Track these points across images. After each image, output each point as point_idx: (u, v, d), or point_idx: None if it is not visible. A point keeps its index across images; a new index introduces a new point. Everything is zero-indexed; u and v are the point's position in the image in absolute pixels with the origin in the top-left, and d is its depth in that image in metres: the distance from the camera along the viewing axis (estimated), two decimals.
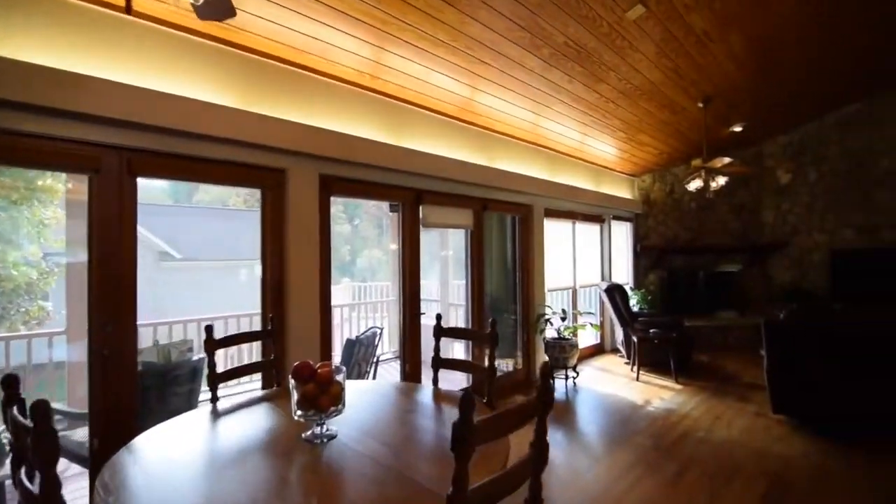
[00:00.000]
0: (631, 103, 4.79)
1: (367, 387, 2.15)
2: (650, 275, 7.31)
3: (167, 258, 10.01)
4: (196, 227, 11.52)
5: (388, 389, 2.12)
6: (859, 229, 6.56)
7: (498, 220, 5.12)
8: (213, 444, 1.60)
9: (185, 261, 10.25)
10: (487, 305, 5.08)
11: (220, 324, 5.09)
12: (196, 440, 1.60)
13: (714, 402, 4.18)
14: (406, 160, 3.52)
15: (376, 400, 1.95)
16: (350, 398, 1.90)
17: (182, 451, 1.50)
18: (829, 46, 4.64)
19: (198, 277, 10.39)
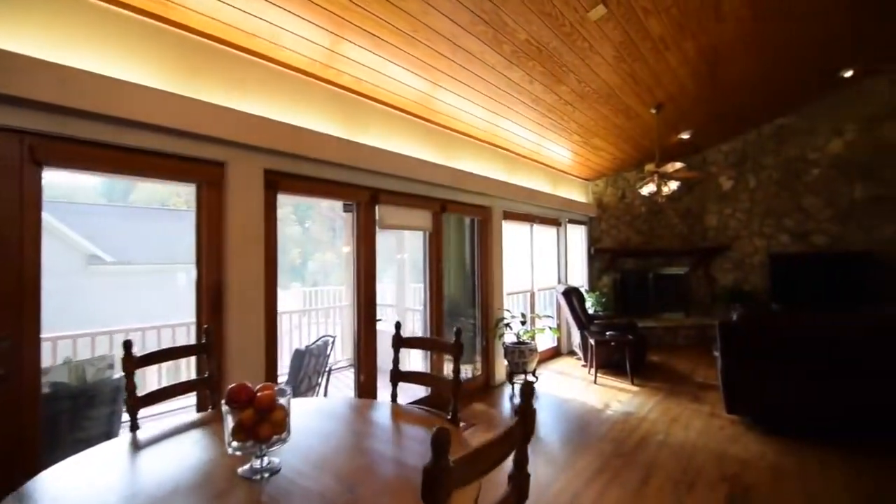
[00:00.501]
0: (588, 107, 4.80)
1: (317, 406, 1.92)
2: (603, 277, 7.43)
3: (97, 262, 9.15)
4: (132, 229, 10.64)
5: (341, 408, 1.90)
6: (793, 234, 6.97)
7: (457, 222, 4.98)
8: (128, 484, 1.33)
9: (118, 264, 9.41)
10: (446, 310, 4.92)
11: (153, 335, 4.62)
12: (106, 479, 1.32)
13: (670, 404, 4.23)
14: (361, 157, 3.30)
15: (327, 422, 1.73)
16: (297, 422, 1.67)
17: (86, 494, 1.22)
18: (770, 62, 4.87)
19: (133, 282, 9.58)
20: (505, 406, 4.33)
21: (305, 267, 14.86)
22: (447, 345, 1.96)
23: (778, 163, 7.06)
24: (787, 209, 7.00)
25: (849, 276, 6.28)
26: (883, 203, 6.30)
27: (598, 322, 5.52)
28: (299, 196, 3.11)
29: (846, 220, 6.56)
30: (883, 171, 6.31)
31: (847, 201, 6.56)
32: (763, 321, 3.41)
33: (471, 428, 3.69)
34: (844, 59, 5.42)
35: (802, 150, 6.88)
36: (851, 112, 6.50)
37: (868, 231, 6.40)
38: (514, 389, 4.75)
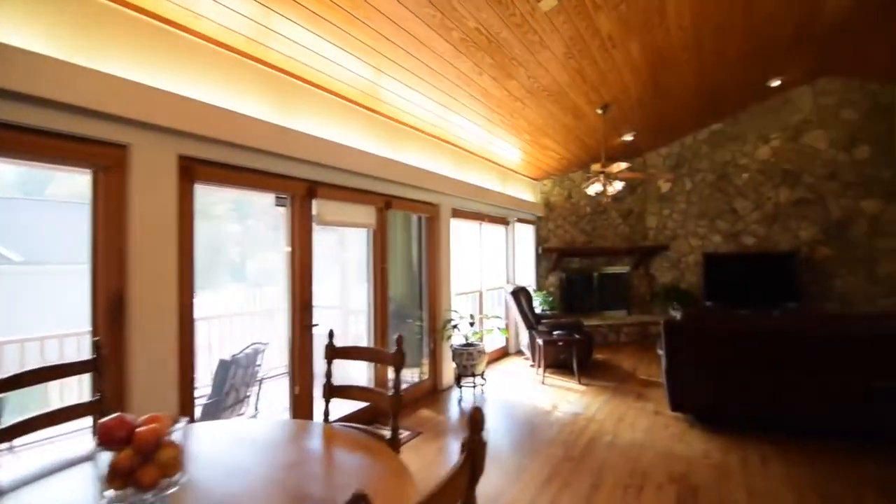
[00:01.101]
0: (538, 104, 4.73)
1: (231, 431, 1.63)
2: (550, 276, 7.48)
3: (2, 261, 8.08)
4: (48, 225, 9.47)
5: (261, 433, 1.62)
6: (725, 235, 7.34)
7: (404, 219, 4.75)
8: None
9: (28, 265, 8.34)
10: (392, 312, 4.68)
11: (54, 344, 4.03)
12: None
13: (616, 402, 4.23)
14: (296, 145, 2.99)
15: (242, 453, 1.45)
16: (204, 453, 1.39)
17: None
18: (707, 70, 5.03)
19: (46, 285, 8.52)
20: (453, 411, 4.16)
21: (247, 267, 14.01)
22: (387, 355, 1.74)
23: (711, 166, 7.41)
24: (719, 211, 7.36)
25: (775, 275, 6.68)
26: (804, 206, 6.76)
27: (546, 321, 5.49)
28: (222, 187, 2.76)
29: (772, 222, 6.98)
30: (804, 177, 6.76)
31: (773, 204, 6.97)
32: (706, 319, 3.46)
33: (417, 437, 3.48)
34: (773, 69, 5.72)
35: (734, 155, 7.26)
36: (777, 120, 6.92)
37: (792, 232, 6.84)
38: (462, 393, 4.59)
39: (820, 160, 6.65)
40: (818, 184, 6.67)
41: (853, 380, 3.12)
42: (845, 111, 6.47)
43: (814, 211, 6.69)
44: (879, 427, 3.12)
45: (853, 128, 6.44)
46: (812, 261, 6.69)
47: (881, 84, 6.25)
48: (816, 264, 6.66)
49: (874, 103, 6.30)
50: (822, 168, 6.64)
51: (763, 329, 3.27)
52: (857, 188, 6.43)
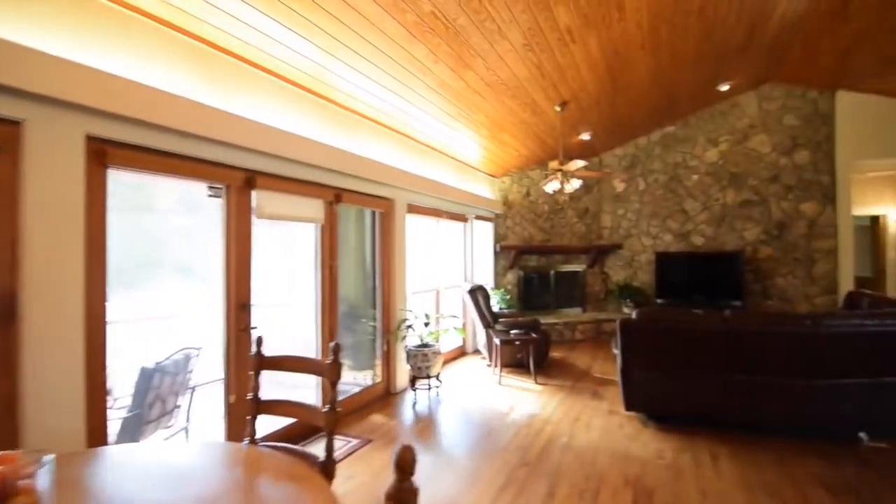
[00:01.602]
0: (496, 98, 4.62)
1: (140, 458, 1.38)
2: (508, 274, 7.43)
3: None
4: None
5: (175, 460, 1.39)
6: (675, 234, 7.53)
7: (357, 214, 4.51)
8: None
9: None
10: (344, 312, 4.44)
11: None
12: None
13: (572, 402, 4.19)
14: (233, 130, 2.71)
15: (145, 488, 1.21)
16: (102, 489, 1.14)
17: None
18: (663, 71, 5.09)
19: None
20: (406, 416, 3.98)
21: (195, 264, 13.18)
22: (322, 366, 1.54)
23: (664, 168, 7.58)
24: (670, 211, 7.55)
25: (722, 274, 6.91)
26: (749, 208, 7.03)
27: (503, 320, 5.40)
28: (142, 172, 2.44)
29: (719, 223, 7.22)
30: (749, 179, 7.03)
31: (720, 206, 7.22)
32: (660, 319, 3.45)
33: (366, 445, 3.28)
34: (723, 73, 5.88)
35: (684, 157, 7.46)
36: (725, 124, 7.16)
37: (738, 233, 7.10)
38: (416, 396, 4.41)
39: (764, 163, 6.94)
40: (762, 186, 6.95)
41: (797, 378, 3.18)
42: (787, 117, 6.78)
43: (758, 212, 6.97)
44: (823, 425, 3.20)
45: (794, 133, 6.75)
46: (755, 260, 6.97)
47: (820, 92, 6.57)
48: (759, 264, 6.95)
49: (814, 110, 6.62)
50: (765, 171, 6.93)
51: (713, 329, 3.29)
52: (797, 191, 6.75)
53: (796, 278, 6.75)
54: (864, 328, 3.04)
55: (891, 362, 3.09)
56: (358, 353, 4.71)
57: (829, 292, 6.55)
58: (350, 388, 4.38)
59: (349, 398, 4.07)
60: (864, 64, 5.53)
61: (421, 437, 3.51)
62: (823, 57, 5.66)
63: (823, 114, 6.56)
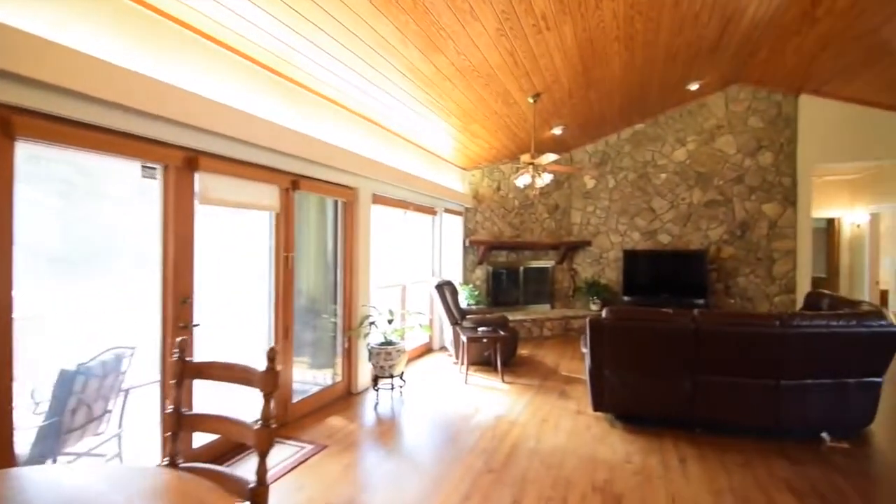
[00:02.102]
0: (468, 86, 4.43)
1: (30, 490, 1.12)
2: (477, 270, 7.28)
3: None
4: None
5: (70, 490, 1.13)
6: (643, 232, 7.57)
7: (318, 203, 4.24)
8: None
9: None
10: (303, 307, 4.18)
11: None
12: None
13: (539, 402, 4.08)
14: (171, 102, 2.41)
15: None
16: None
17: None
18: (636, 66, 5.02)
19: None
20: (367, 418, 3.76)
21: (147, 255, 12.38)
22: (253, 374, 1.31)
23: (633, 165, 7.60)
24: (638, 209, 7.58)
25: (687, 272, 6.99)
26: (714, 207, 7.13)
27: (471, 317, 5.25)
28: (61, 147, 2.12)
29: (685, 222, 7.30)
30: (715, 179, 7.12)
31: (686, 205, 7.29)
32: (630, 317, 3.36)
33: (321, 452, 3.05)
34: (694, 72, 5.88)
35: (653, 155, 7.49)
36: (693, 124, 7.22)
37: (702, 232, 7.20)
38: (378, 397, 4.20)
39: (729, 164, 7.04)
40: (727, 187, 7.06)
41: (765, 379, 3.16)
42: (752, 119, 6.89)
43: (722, 212, 7.07)
44: (789, 426, 3.19)
45: (759, 135, 6.87)
46: (718, 259, 7.08)
47: (784, 95, 6.70)
48: (722, 263, 7.07)
49: (778, 113, 6.75)
50: (730, 172, 7.03)
51: (682, 328, 3.22)
52: (760, 192, 6.88)
53: (757, 277, 6.89)
54: (830, 329, 3.03)
55: (854, 363, 3.10)
56: (318, 350, 4.45)
57: (788, 291, 6.73)
58: (309, 387, 4.12)
59: (306, 399, 3.82)
60: (827, 68, 5.64)
61: (382, 441, 3.31)
62: (789, 59, 5.74)
63: (787, 116, 6.70)
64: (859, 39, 4.85)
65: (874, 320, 3.06)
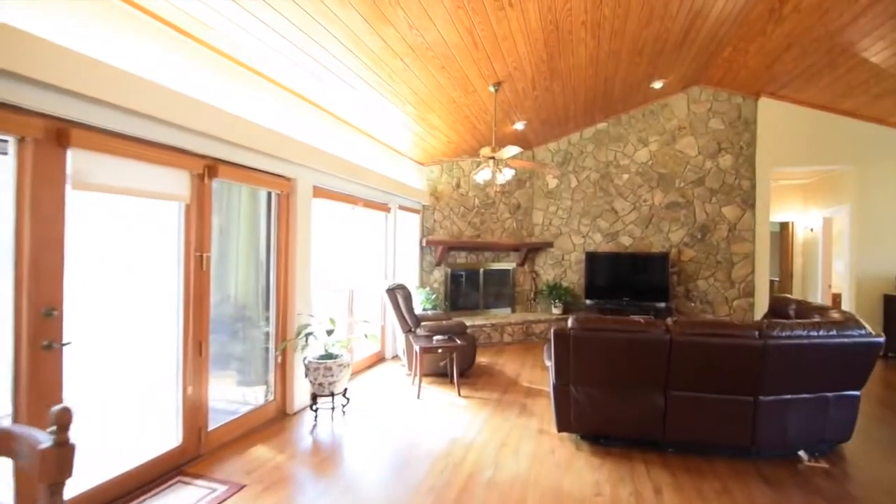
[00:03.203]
0: (423, 68, 3.98)
1: None
2: (435, 272, 6.84)
3: None
4: None
5: None
6: (605, 234, 7.38)
7: (249, 195, 3.66)
8: None
9: None
10: (230, 315, 3.61)
11: None
12: None
13: (499, 420, 3.68)
14: (27, 55, 1.82)
15: None
16: None
17: None
18: (602, 58, 4.73)
19: None
20: (301, 445, 3.23)
21: None
22: (22, 446, 0.80)
23: (595, 165, 7.39)
24: (601, 210, 7.38)
25: (649, 275, 6.82)
26: (675, 209, 7.01)
27: (427, 324, 4.80)
28: None
29: (647, 224, 7.15)
30: (676, 181, 7.01)
31: (648, 206, 7.15)
32: (598, 326, 3.01)
33: (235, 494, 2.50)
34: (659, 70, 5.69)
35: (616, 155, 7.31)
36: (656, 124, 7.08)
37: (664, 234, 7.07)
38: (317, 418, 3.67)
39: (690, 166, 6.94)
40: (688, 189, 6.95)
41: (743, 395, 2.88)
42: (713, 120, 6.81)
43: (683, 215, 6.97)
44: (766, 446, 2.93)
45: (719, 137, 6.80)
46: (679, 262, 6.97)
47: (744, 97, 6.66)
48: (683, 266, 6.96)
49: (738, 115, 6.70)
50: (691, 174, 6.94)
51: (655, 339, 2.90)
52: (720, 195, 6.81)
53: (717, 281, 6.82)
54: (811, 340, 2.79)
55: (834, 376, 2.88)
56: (248, 364, 3.87)
57: (747, 295, 6.68)
58: (238, 407, 3.56)
59: (229, 424, 3.25)
60: (789, 70, 5.58)
61: (315, 475, 2.80)
62: (752, 60, 5.65)
63: (746, 119, 6.66)
64: (822, 41, 4.77)
65: (854, 330, 2.85)
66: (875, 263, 6.04)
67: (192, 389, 2.87)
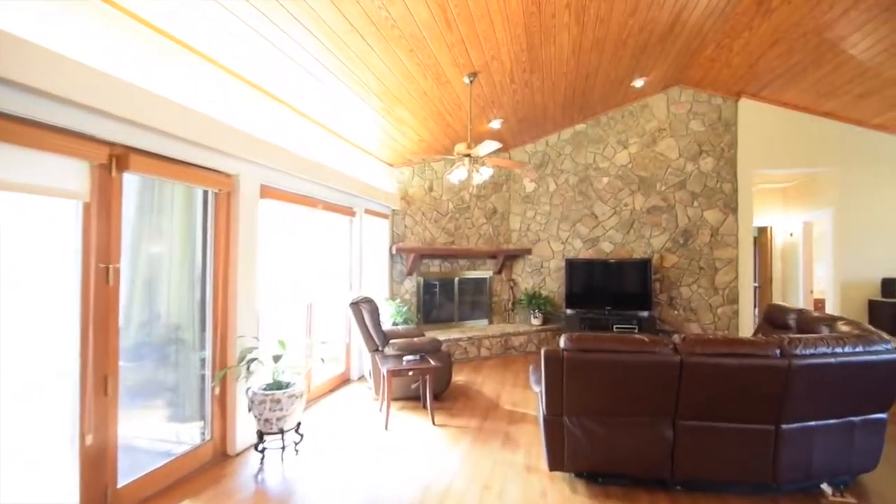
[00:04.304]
0: (388, 50, 3.50)
1: None
2: (406, 282, 6.32)
3: None
4: None
5: None
6: (585, 240, 7.03)
7: (184, 194, 3.07)
8: None
9: None
10: (162, 337, 3.01)
11: None
12: None
13: (478, 455, 3.18)
14: None
15: None
16: None
17: None
18: (584, 48, 4.33)
19: None
20: (242, 495, 2.65)
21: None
22: None
23: (574, 168, 7.06)
24: (580, 215, 7.04)
25: (632, 283, 6.50)
26: (657, 214, 6.74)
27: (396, 341, 4.27)
28: None
29: (628, 229, 6.85)
30: (657, 185, 6.74)
31: (629, 211, 6.85)
32: (596, 347, 2.57)
33: None
34: (641, 67, 5.39)
35: (595, 157, 7.00)
36: (635, 126, 6.81)
37: (645, 240, 6.77)
38: (263, 461, 3.08)
39: (671, 169, 6.69)
40: (669, 192, 6.69)
41: (763, 423, 2.49)
42: (694, 122, 6.59)
43: (665, 219, 6.70)
44: (789, 481, 2.53)
45: (700, 139, 6.58)
46: (662, 268, 6.69)
47: (724, 99, 6.46)
48: (666, 272, 6.68)
49: (718, 117, 6.49)
50: (672, 177, 6.68)
51: (663, 360, 2.48)
52: (701, 199, 6.57)
53: (700, 287, 6.56)
54: (837, 357, 2.42)
55: (862, 398, 2.52)
56: (181, 396, 3.25)
57: (731, 302, 6.44)
58: (171, 447, 2.95)
59: (152, 473, 2.63)
60: (772, 68, 5.38)
61: None
62: (735, 58, 5.42)
63: (727, 121, 6.46)
64: (811, 36, 4.55)
65: (880, 344, 2.50)
66: (859, 268, 5.89)
67: (95, 437, 2.25)
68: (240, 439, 3.18)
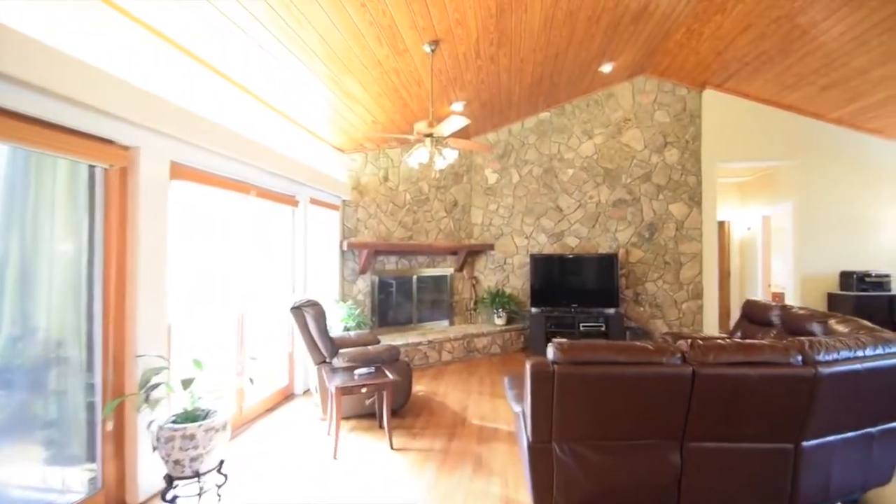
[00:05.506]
0: (337, 8, 2.90)
1: None
2: (359, 281, 5.70)
3: None
4: None
5: None
6: (550, 234, 6.70)
7: (69, 173, 2.34)
8: None
9: None
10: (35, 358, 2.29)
11: None
12: None
13: (447, 488, 2.67)
14: None
15: None
16: None
17: None
18: (556, 24, 3.93)
19: None
20: None
21: None
22: None
23: (538, 159, 6.71)
24: (545, 208, 6.70)
25: (598, 279, 6.21)
26: (622, 207, 6.50)
27: (347, 351, 3.68)
28: None
29: (593, 223, 6.57)
30: (623, 177, 6.50)
31: (595, 203, 6.57)
32: (592, 359, 2.12)
33: None
34: (610, 50, 5.07)
35: (559, 147, 6.67)
36: (601, 115, 6.53)
37: (611, 234, 6.52)
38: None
39: (636, 160, 6.47)
40: (634, 185, 6.47)
41: (782, 441, 2.13)
42: (659, 113, 6.39)
43: (630, 213, 6.47)
44: (809, 501, 2.20)
45: (665, 130, 6.39)
46: (627, 263, 6.46)
47: (689, 90, 6.30)
48: (632, 267, 6.46)
49: (683, 108, 6.32)
50: (637, 168, 6.46)
51: (671, 372, 2.07)
52: (667, 191, 6.39)
53: (665, 283, 6.38)
54: (863, 363, 2.10)
55: (881, 406, 2.23)
56: (63, 433, 2.51)
57: (696, 297, 6.30)
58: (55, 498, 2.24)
59: None
60: (740, 56, 5.21)
61: None
62: (704, 45, 5.22)
63: (691, 112, 6.30)
64: (783, 21, 4.37)
65: (894, 345, 2.22)
66: (818, 261, 5.89)
67: None
68: (143, 485, 2.49)
